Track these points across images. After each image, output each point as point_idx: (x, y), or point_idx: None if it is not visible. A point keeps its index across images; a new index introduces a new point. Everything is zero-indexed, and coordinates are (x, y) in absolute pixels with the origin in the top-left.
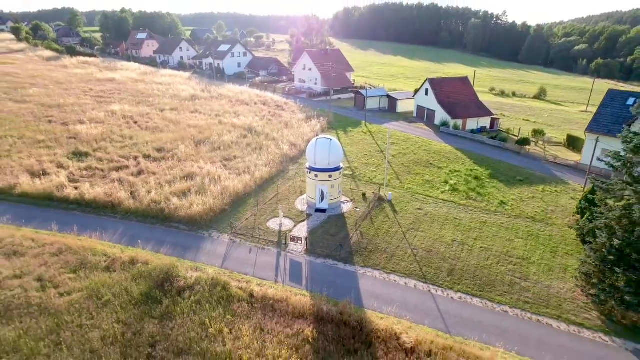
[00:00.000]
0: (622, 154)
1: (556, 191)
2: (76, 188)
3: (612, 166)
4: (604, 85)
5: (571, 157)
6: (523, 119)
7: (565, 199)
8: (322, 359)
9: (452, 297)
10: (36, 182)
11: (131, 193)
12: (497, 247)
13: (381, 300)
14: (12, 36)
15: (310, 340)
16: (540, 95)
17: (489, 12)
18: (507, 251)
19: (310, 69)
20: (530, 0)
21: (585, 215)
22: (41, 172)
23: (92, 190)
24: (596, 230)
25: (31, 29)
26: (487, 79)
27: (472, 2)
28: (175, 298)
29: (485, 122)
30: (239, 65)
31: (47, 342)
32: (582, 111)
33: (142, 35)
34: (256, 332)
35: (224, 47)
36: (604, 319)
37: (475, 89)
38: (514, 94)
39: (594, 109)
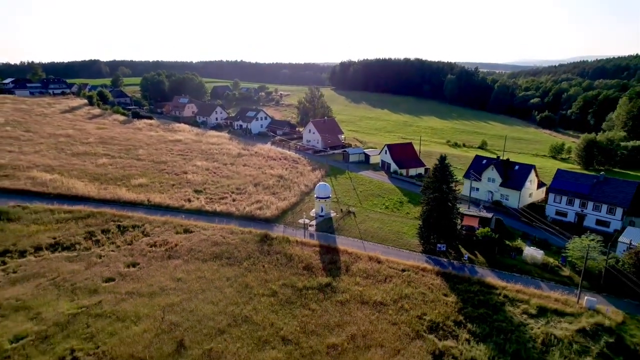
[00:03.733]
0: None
1: None
2: (209, 207)
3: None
4: (543, 135)
5: (460, 190)
6: (452, 166)
7: None
8: (322, 255)
9: (370, 243)
10: (191, 204)
11: (235, 208)
12: (395, 229)
13: (344, 244)
14: (84, 101)
15: (318, 251)
16: (482, 146)
17: (465, 67)
18: (398, 230)
19: (314, 133)
20: (519, 43)
21: None
22: (188, 199)
23: (218, 207)
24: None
25: (97, 94)
26: (449, 131)
27: (456, 53)
28: (271, 240)
29: (421, 170)
30: (262, 126)
31: (229, 253)
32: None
33: (184, 100)
34: (301, 249)
35: (250, 114)
36: (422, 249)
37: (435, 140)
38: (464, 145)
39: (507, 155)
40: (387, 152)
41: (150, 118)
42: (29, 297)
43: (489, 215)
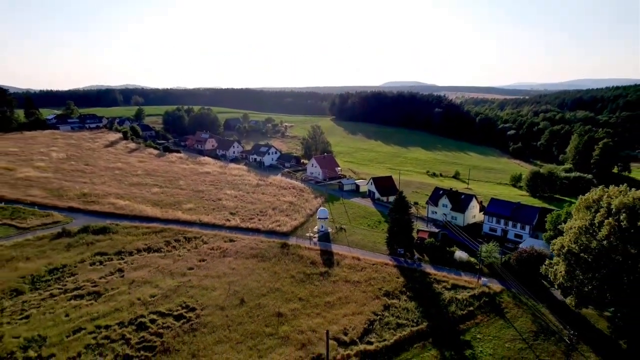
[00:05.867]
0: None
1: None
2: (243, 224)
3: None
4: (513, 165)
5: (423, 212)
6: (424, 194)
7: None
8: (322, 255)
9: (354, 249)
10: (230, 222)
11: (261, 225)
12: (372, 240)
13: (336, 249)
14: (119, 135)
15: (319, 253)
16: (456, 175)
17: (452, 100)
18: (375, 240)
19: (316, 167)
20: (519, 65)
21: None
22: (227, 219)
23: (249, 225)
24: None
25: (130, 129)
26: (431, 162)
27: (456, 77)
28: (288, 246)
29: None
30: (272, 159)
31: (261, 254)
32: (465, 188)
33: (205, 135)
34: (308, 252)
35: (263, 149)
36: (388, 252)
37: (417, 170)
38: (441, 175)
39: (475, 183)
40: (372, 183)
41: (179, 152)
42: (147, 277)
43: (437, 230)
